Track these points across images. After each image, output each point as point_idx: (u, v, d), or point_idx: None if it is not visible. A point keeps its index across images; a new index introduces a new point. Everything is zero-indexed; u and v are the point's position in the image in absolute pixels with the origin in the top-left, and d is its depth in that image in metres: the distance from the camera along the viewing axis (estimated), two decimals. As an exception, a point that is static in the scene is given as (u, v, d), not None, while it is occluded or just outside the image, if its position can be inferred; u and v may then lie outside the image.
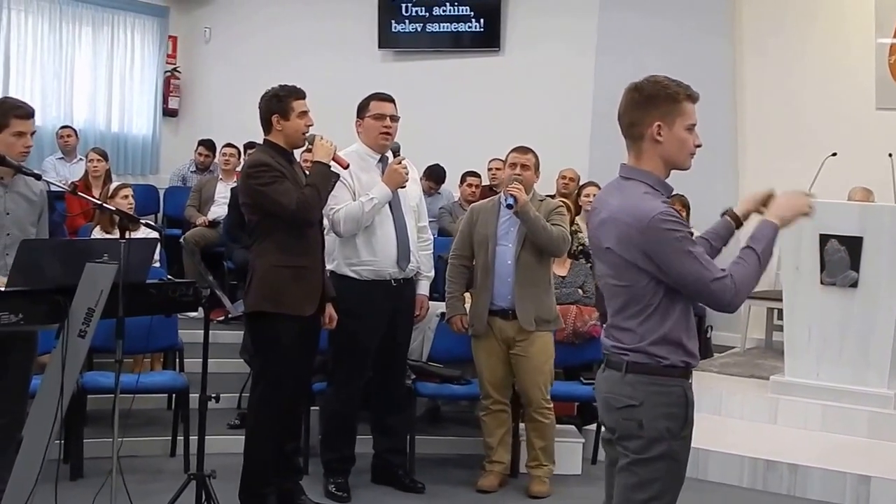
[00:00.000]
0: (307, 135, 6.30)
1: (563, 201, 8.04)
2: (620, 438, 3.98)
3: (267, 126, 6.28)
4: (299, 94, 6.27)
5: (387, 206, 6.77)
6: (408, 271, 6.92)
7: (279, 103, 6.22)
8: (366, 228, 6.73)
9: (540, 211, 7.05)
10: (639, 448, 3.91)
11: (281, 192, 6.05)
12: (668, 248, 3.75)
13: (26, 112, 5.76)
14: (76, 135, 12.75)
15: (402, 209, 6.89)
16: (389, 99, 6.94)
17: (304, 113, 6.26)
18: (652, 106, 3.88)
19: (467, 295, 7.39)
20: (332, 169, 6.29)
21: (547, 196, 7.71)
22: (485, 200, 7.65)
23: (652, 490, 3.91)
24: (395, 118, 6.88)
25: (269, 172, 6.08)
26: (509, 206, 6.93)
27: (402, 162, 6.83)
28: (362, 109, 6.90)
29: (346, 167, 6.50)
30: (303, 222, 6.17)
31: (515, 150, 7.23)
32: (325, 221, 6.59)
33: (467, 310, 7.30)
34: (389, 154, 6.88)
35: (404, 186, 6.84)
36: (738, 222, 4.28)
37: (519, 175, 7.04)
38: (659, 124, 3.87)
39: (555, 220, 7.08)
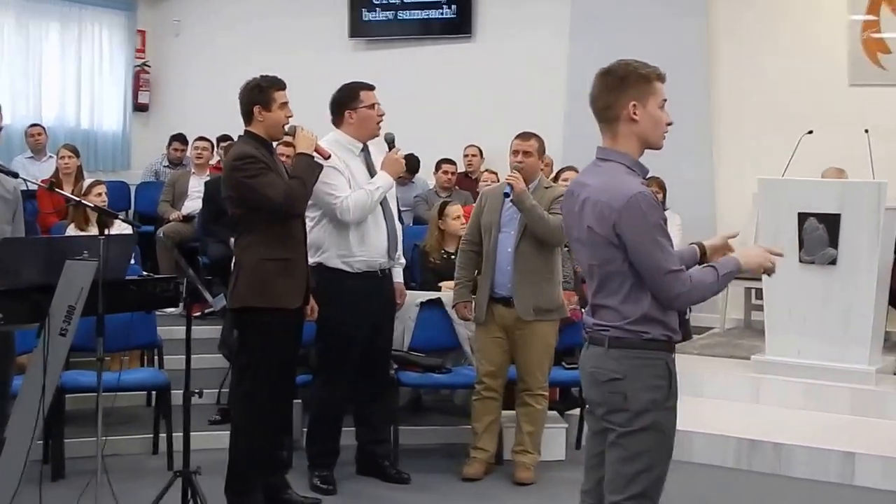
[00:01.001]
0: (288, 126, 6.25)
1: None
2: (607, 413, 4.05)
3: (248, 117, 6.21)
4: (280, 84, 6.21)
5: None
6: (395, 260, 6.92)
7: (261, 94, 6.16)
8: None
9: (545, 198, 7.02)
10: (625, 421, 3.98)
11: (267, 185, 6.00)
12: (638, 230, 3.86)
13: None
14: (45, 133, 12.63)
15: (389, 199, 6.88)
16: (374, 87, 6.91)
17: (285, 104, 6.21)
18: (626, 87, 3.99)
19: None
20: (315, 160, 6.25)
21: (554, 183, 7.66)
22: (494, 185, 7.64)
23: (641, 462, 3.98)
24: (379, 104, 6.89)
25: (254, 164, 6.02)
26: (506, 195, 6.90)
27: (399, 152, 6.85)
28: (352, 101, 6.81)
29: (328, 157, 6.46)
30: (290, 214, 6.13)
31: (518, 136, 7.21)
32: (313, 212, 6.58)
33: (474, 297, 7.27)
34: (370, 143, 6.86)
35: (401, 176, 6.83)
36: (703, 256, 4.35)
37: (521, 163, 7.00)
38: (634, 104, 3.99)
39: (555, 209, 6.97)
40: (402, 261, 7.24)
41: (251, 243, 6.12)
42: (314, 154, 6.27)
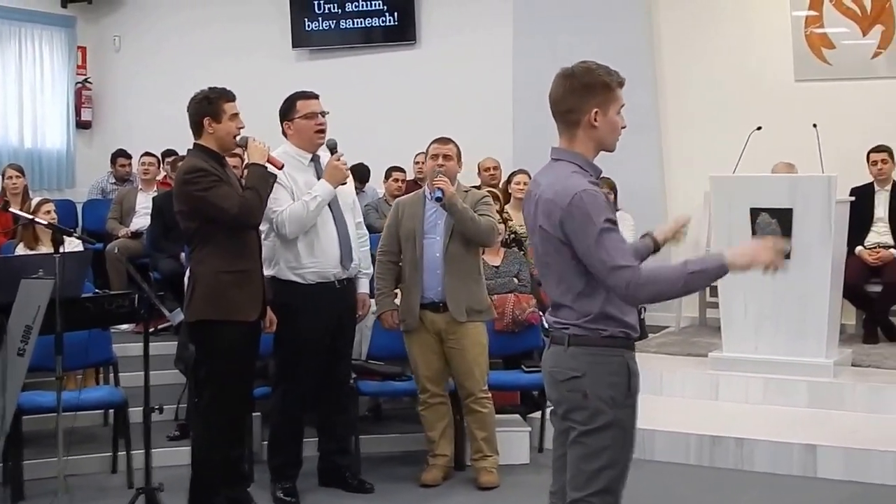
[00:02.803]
0: (239, 137, 6.19)
1: (490, 191, 8.02)
2: (567, 412, 4.07)
3: (197, 129, 6.15)
4: (230, 96, 6.17)
5: (327, 205, 6.68)
6: (351, 270, 6.85)
7: (210, 105, 6.10)
8: (307, 231, 6.64)
9: (466, 202, 7.02)
10: (585, 419, 3.99)
11: (221, 197, 5.95)
12: (583, 227, 3.86)
13: None
14: (-11, 153, 12.50)
15: (341, 207, 6.81)
16: (315, 96, 6.85)
17: (236, 115, 6.16)
18: (590, 94, 4.01)
19: (398, 290, 7.33)
20: (268, 170, 6.20)
21: (472, 188, 7.69)
22: (409, 195, 7.61)
23: (601, 459, 3.99)
24: (324, 113, 6.81)
25: (206, 177, 5.96)
26: (438, 199, 6.89)
27: (342, 158, 6.76)
28: (289, 111, 6.79)
29: (282, 167, 6.41)
30: (245, 226, 6.08)
31: (436, 141, 7.19)
32: (263, 225, 6.49)
33: (397, 305, 7.24)
34: (320, 153, 6.80)
35: (345, 183, 6.76)
36: (657, 246, 4.38)
37: (442, 166, 6.99)
38: (596, 111, 4.00)
39: (482, 211, 7.07)
40: (369, 270, 7.19)
41: (206, 256, 6.06)
42: (267, 165, 6.21)
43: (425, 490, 7.13)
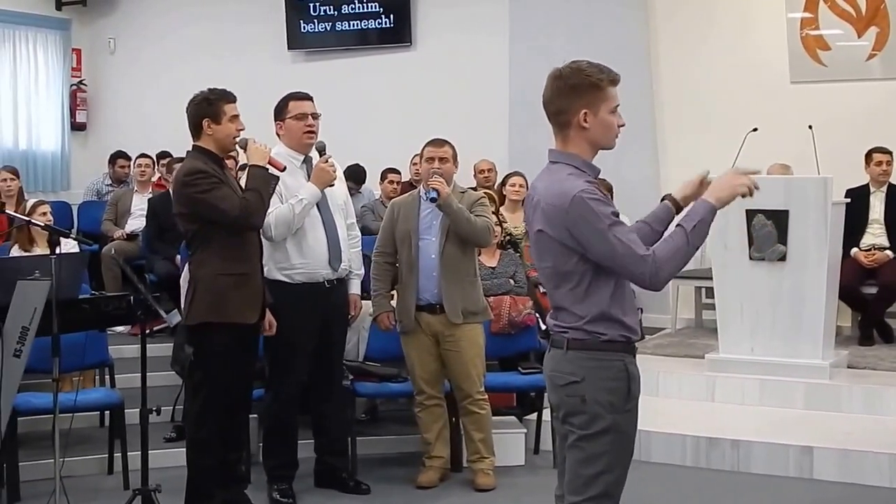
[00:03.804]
0: (238, 139, 6.18)
1: (486, 192, 8.01)
2: (566, 416, 4.06)
3: (197, 131, 6.13)
4: (230, 97, 6.15)
5: (315, 206, 6.67)
6: (340, 271, 6.83)
7: (210, 107, 6.09)
8: (296, 231, 6.63)
9: (462, 203, 7.01)
10: (584, 423, 3.97)
11: (221, 199, 5.93)
12: (590, 226, 3.84)
13: None
14: (-16, 155, 12.49)
15: (331, 208, 6.80)
16: (308, 97, 6.84)
17: (236, 117, 6.14)
18: (577, 95, 3.98)
19: (394, 292, 7.33)
20: (270, 171, 6.18)
21: (469, 189, 7.69)
22: (404, 196, 7.61)
23: (600, 464, 3.97)
24: (315, 116, 6.79)
25: (206, 179, 5.94)
26: (433, 200, 6.89)
27: (329, 160, 6.74)
28: (281, 111, 6.79)
29: (283, 169, 6.39)
30: (246, 228, 6.07)
31: (430, 143, 7.19)
32: None
33: (394, 306, 7.24)
34: (313, 154, 6.79)
35: (333, 185, 6.75)
36: (678, 207, 4.29)
37: (438, 168, 6.99)
38: (585, 112, 3.98)
39: (478, 211, 7.07)
40: (361, 271, 7.19)
41: (207, 258, 6.05)
42: (268, 166, 6.20)
43: (421, 492, 7.12)
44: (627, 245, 3.84)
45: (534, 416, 7.96)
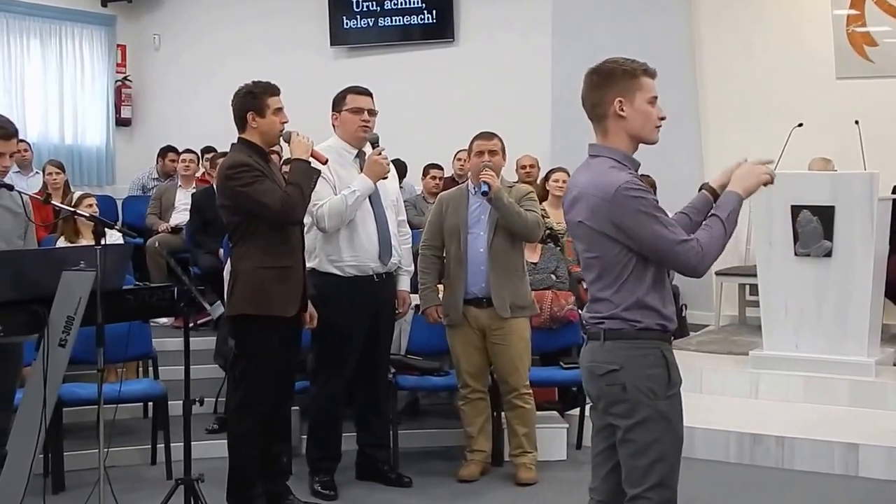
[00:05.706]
0: (283, 132, 6.18)
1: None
2: (607, 406, 4.08)
3: (241, 124, 6.14)
4: (274, 90, 6.14)
5: (367, 200, 6.68)
6: (389, 266, 6.84)
7: (254, 100, 6.09)
8: (348, 224, 6.63)
9: (514, 195, 7.03)
10: (626, 412, 3.99)
11: (263, 192, 5.93)
12: (635, 215, 3.88)
13: (7, 133, 5.68)
14: (31, 148, 12.57)
15: (383, 203, 6.81)
16: (367, 92, 6.85)
17: (279, 110, 6.13)
18: (610, 84, 4.03)
19: (440, 285, 7.32)
20: (312, 165, 6.18)
21: (515, 183, 7.68)
22: (452, 189, 7.59)
23: (653, 453, 3.97)
24: (372, 112, 6.80)
25: (249, 172, 5.95)
26: (484, 194, 6.87)
27: (382, 153, 6.73)
28: (338, 103, 6.81)
29: (325, 162, 6.38)
30: (288, 222, 6.07)
31: (479, 136, 7.16)
32: (306, 219, 6.47)
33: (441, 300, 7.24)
34: (367, 148, 6.79)
35: (386, 178, 6.75)
36: (716, 195, 4.30)
37: (489, 161, 6.97)
38: (620, 100, 4.02)
39: (527, 206, 7.06)
40: (410, 268, 7.21)
41: (248, 251, 6.05)
42: (310, 160, 6.20)
43: (463, 485, 7.13)
44: (673, 232, 3.89)
45: (576, 411, 7.93)
